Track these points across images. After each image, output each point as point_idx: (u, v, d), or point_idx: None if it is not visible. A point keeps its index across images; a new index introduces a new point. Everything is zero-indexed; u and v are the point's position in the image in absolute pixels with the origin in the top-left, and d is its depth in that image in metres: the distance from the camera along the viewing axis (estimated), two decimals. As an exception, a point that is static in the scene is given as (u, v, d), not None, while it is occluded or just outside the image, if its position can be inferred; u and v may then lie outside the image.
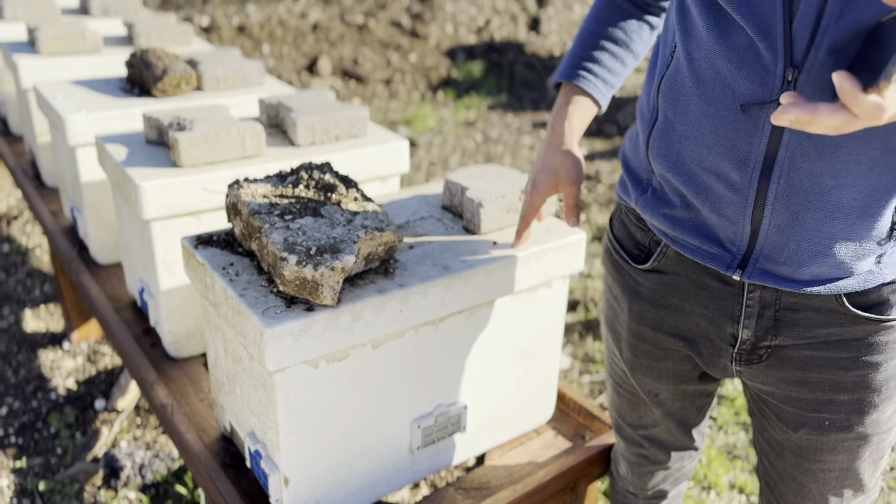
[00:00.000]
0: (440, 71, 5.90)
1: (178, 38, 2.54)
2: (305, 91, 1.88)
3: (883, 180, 0.79)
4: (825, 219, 0.82)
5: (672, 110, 0.93)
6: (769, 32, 0.78)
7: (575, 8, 7.11)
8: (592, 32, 1.14)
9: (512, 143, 4.71)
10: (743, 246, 0.89)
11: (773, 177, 0.82)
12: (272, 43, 5.44)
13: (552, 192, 1.18)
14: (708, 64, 0.86)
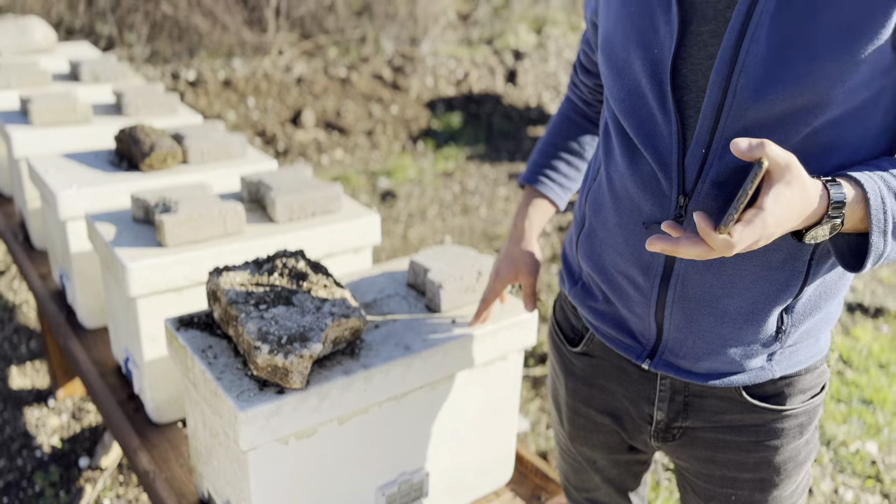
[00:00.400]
0: (420, 122, 6.09)
1: (164, 108, 2.68)
2: (284, 169, 2.01)
3: (765, 291, 0.93)
4: (715, 322, 0.95)
5: (595, 219, 1.08)
6: (666, 165, 0.93)
7: (550, 61, 7.36)
8: (551, 143, 1.31)
9: (488, 195, 4.86)
10: (651, 339, 1.02)
11: (671, 284, 0.96)
12: (257, 96, 5.61)
13: (512, 280, 1.33)
14: (621, 184, 1.01)
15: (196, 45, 6.38)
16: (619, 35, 0.99)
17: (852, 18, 0.81)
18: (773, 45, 0.84)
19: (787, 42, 0.83)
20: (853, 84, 0.83)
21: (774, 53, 0.84)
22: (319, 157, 5.41)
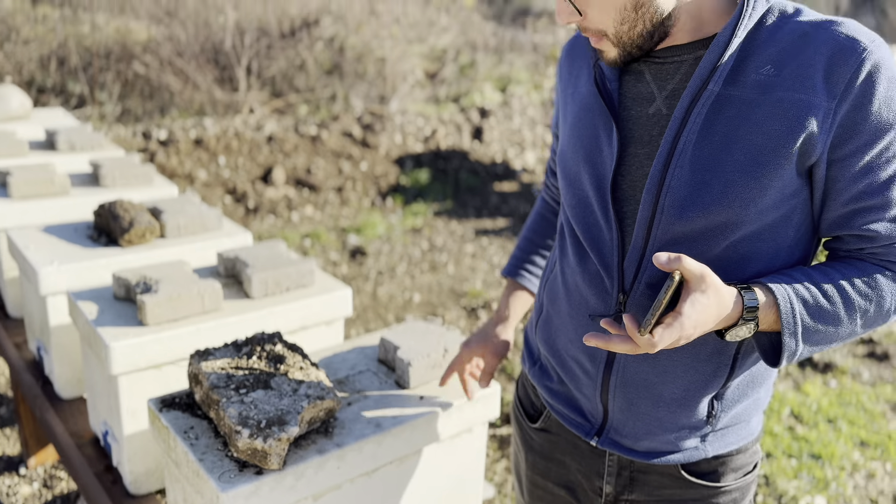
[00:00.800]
0: (389, 178, 6.24)
1: (140, 179, 2.77)
2: (259, 245, 2.11)
3: (695, 380, 1.05)
4: (652, 406, 1.07)
5: (551, 307, 1.21)
6: (609, 266, 1.06)
7: (514, 118, 7.61)
8: (529, 240, 1.47)
9: (456, 252, 4.99)
10: (599, 419, 1.13)
11: (614, 371, 1.08)
12: (228, 154, 5.71)
13: (479, 355, 1.45)
14: (573, 280, 1.14)
15: (167, 103, 6.48)
16: (571, 151, 1.14)
17: (759, 152, 0.95)
18: (695, 171, 0.98)
19: (705, 169, 0.98)
20: (763, 206, 0.98)
21: (695, 178, 0.98)
22: (290, 214, 5.50)
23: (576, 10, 1.02)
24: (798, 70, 0.95)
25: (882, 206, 0.99)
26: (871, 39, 0.95)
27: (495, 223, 5.58)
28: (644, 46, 1.02)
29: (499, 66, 9.03)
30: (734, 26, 0.96)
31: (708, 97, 0.97)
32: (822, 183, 0.99)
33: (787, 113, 0.94)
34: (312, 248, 4.97)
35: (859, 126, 0.95)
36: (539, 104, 8.21)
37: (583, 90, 1.14)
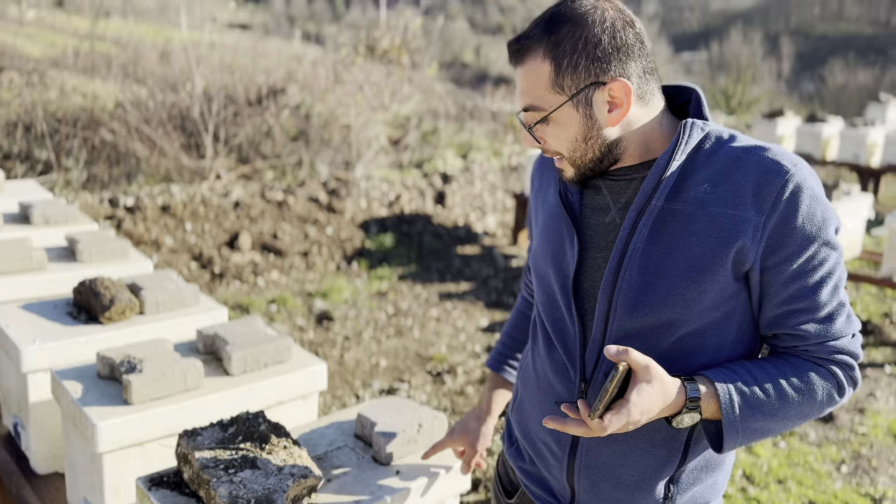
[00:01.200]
0: (355, 242, 6.36)
1: (116, 254, 2.85)
2: (237, 321, 2.20)
3: (651, 464, 1.18)
4: (613, 488, 1.20)
5: (524, 393, 1.34)
6: (572, 358, 1.21)
7: (475, 184, 7.85)
8: (510, 335, 1.62)
9: (420, 316, 5.11)
10: (567, 499, 1.25)
11: (578, 454, 1.21)
12: (195, 220, 5.79)
13: (460, 445, 1.58)
14: (542, 368, 1.28)
15: (134, 170, 6.56)
16: (541, 253, 1.30)
17: (697, 259, 1.11)
18: (642, 275, 1.14)
19: (651, 273, 1.13)
20: (703, 306, 1.12)
21: (643, 281, 1.14)
22: (255, 280, 5.57)
23: (533, 140, 1.20)
24: (731, 189, 1.10)
25: (811, 309, 1.12)
26: (794, 163, 1.11)
27: (458, 287, 5.72)
28: (596, 169, 1.19)
29: (460, 134, 9.34)
30: (672, 151, 1.13)
31: (652, 211, 1.13)
32: (758, 287, 1.13)
33: (720, 226, 1.09)
34: (279, 313, 5.03)
35: (786, 238, 1.09)
36: (499, 170, 8.49)
37: (551, 200, 1.30)
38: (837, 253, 1.14)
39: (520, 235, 6.73)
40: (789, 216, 1.09)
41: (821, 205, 1.11)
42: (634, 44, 1.13)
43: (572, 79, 1.12)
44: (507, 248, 6.69)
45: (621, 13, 1.14)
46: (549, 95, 1.14)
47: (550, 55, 1.12)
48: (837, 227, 1.15)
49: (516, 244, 6.74)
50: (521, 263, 6.26)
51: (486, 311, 5.24)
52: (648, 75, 1.16)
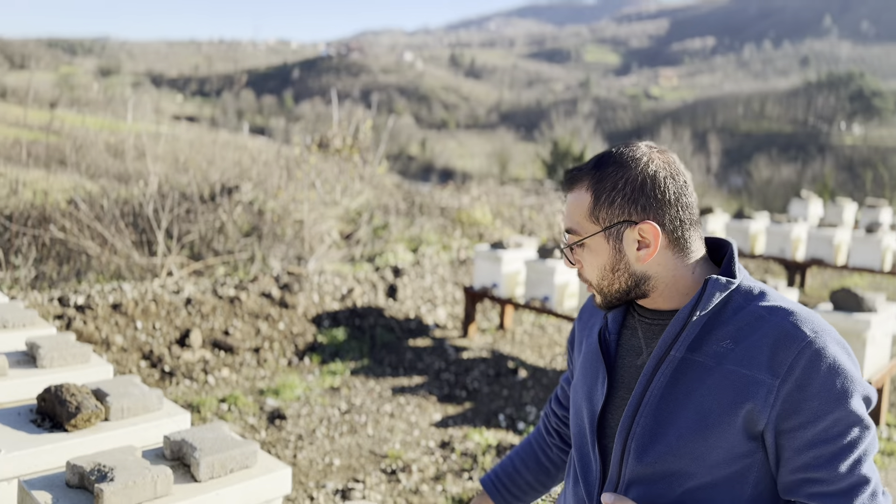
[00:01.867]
0: (307, 337, 6.41)
1: (77, 358, 2.88)
2: (203, 427, 2.27)
3: None
4: None
5: None
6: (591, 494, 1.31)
7: (426, 277, 8.05)
8: (512, 459, 1.68)
9: (374, 412, 5.14)
10: None
11: None
12: (145, 319, 5.77)
13: None
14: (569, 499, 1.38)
15: (85, 267, 6.53)
16: (579, 387, 1.39)
17: (708, 413, 1.16)
18: (656, 422, 1.20)
19: (664, 421, 1.20)
20: (714, 461, 1.16)
21: (656, 428, 1.20)
22: (206, 378, 5.54)
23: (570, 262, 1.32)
24: (749, 348, 1.15)
25: (827, 480, 1.11)
26: (815, 330, 1.13)
27: (411, 380, 5.79)
28: (623, 300, 1.28)
29: (410, 228, 9.60)
30: (693, 305, 1.20)
31: (672, 360, 1.19)
32: (774, 449, 1.15)
33: (734, 384, 1.14)
34: (230, 412, 5.00)
35: (801, 405, 1.10)
36: (448, 263, 8.72)
37: (593, 337, 1.38)
38: (862, 426, 1.12)
39: (470, 328, 6.89)
40: (804, 383, 1.10)
41: (841, 375, 1.11)
42: (674, 195, 1.22)
43: (607, 212, 1.23)
44: (457, 340, 6.82)
45: (668, 166, 1.24)
46: (586, 223, 1.25)
47: (593, 188, 1.24)
48: (868, 400, 1.14)
49: (466, 336, 6.88)
50: (472, 356, 6.39)
51: (439, 406, 5.31)
52: (687, 225, 1.24)
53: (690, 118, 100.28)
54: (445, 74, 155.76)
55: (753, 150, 79.65)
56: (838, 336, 1.17)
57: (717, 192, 39.07)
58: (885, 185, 26.00)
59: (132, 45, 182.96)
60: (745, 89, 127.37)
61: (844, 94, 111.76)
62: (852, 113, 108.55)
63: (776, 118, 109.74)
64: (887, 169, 28.67)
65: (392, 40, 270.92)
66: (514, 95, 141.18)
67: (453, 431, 4.86)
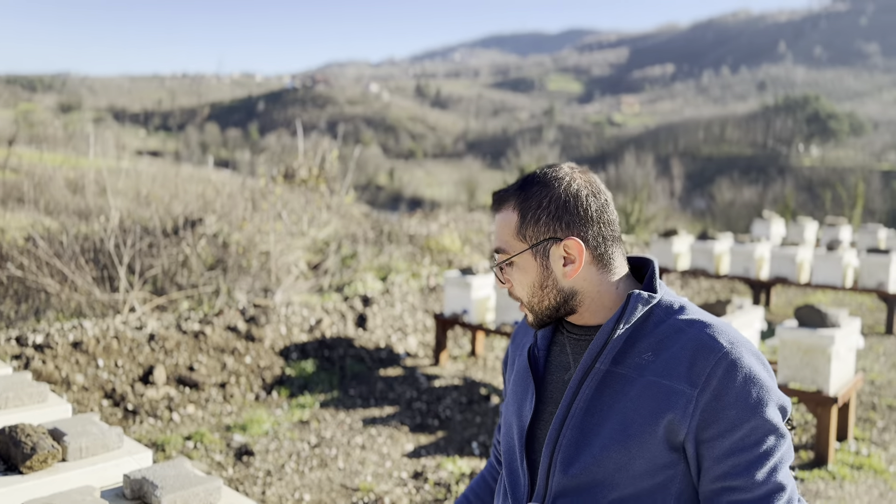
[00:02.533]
0: (274, 370, 6.30)
1: (34, 398, 2.78)
2: (164, 464, 2.20)
3: None
4: None
5: None
6: None
7: (396, 305, 7.99)
8: (466, 496, 1.66)
9: (345, 444, 5.05)
10: None
11: None
12: (107, 356, 5.63)
13: None
14: None
15: (44, 305, 6.36)
16: (509, 404, 1.41)
17: (629, 423, 1.19)
18: (582, 433, 1.23)
19: (589, 432, 1.22)
20: (636, 472, 1.18)
21: (581, 439, 1.23)
22: (170, 415, 5.40)
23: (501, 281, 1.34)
24: (669, 360, 1.19)
25: (745, 488, 1.14)
26: (731, 341, 1.18)
27: (382, 411, 5.71)
28: (553, 317, 1.31)
29: (379, 257, 9.56)
30: (616, 319, 1.24)
31: (596, 373, 1.23)
32: (695, 460, 1.18)
33: (655, 395, 1.17)
34: (196, 450, 4.87)
35: (719, 414, 1.14)
36: (418, 291, 8.68)
37: (522, 357, 1.41)
38: (778, 434, 1.16)
39: (441, 355, 6.84)
40: (721, 393, 1.14)
41: (757, 385, 1.16)
42: (596, 212, 1.28)
43: (534, 230, 1.28)
44: (429, 368, 6.77)
45: (590, 185, 1.29)
46: (514, 242, 1.29)
47: (519, 207, 1.29)
48: (783, 409, 1.19)
49: (438, 364, 6.83)
50: (444, 383, 6.33)
51: (411, 436, 5.24)
52: (610, 242, 1.29)
53: (653, 143, 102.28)
54: (412, 105, 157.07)
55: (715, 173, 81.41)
56: (754, 348, 1.21)
57: (682, 214, 39.76)
58: (843, 205, 26.72)
59: (93, 80, 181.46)
60: (706, 114, 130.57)
61: (801, 117, 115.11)
62: (809, 135, 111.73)
63: (736, 141, 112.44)
64: (845, 189, 29.48)
65: (358, 72, 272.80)
66: (480, 124, 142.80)
67: (426, 461, 4.79)
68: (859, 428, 5.56)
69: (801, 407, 5.86)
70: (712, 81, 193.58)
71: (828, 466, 4.78)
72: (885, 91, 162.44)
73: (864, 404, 6.10)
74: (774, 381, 1.20)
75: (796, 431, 5.39)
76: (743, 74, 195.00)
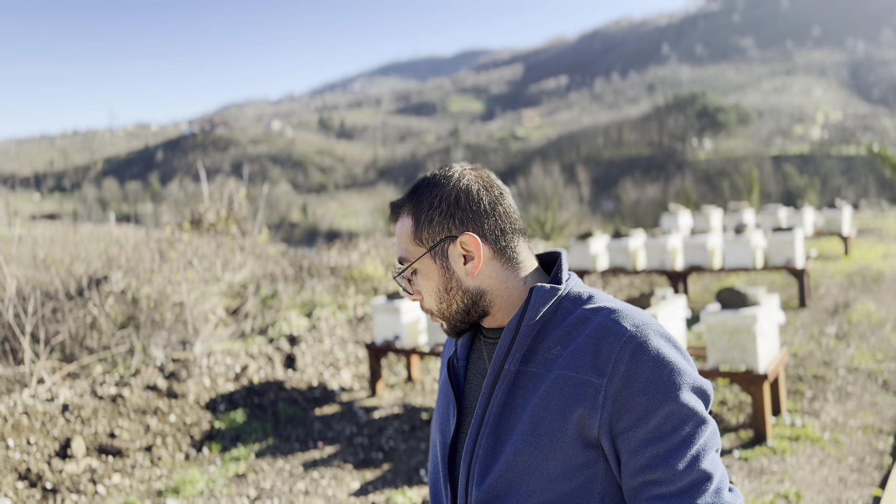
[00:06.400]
0: (202, 425, 5.97)
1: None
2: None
3: None
4: None
5: None
6: None
7: (325, 340, 7.77)
8: None
9: (287, 492, 4.81)
10: None
11: None
12: (17, 434, 5.19)
13: None
14: None
15: (-62, 389, 5.82)
16: (434, 423, 1.34)
17: (540, 422, 1.11)
18: (497, 440, 1.15)
19: (502, 439, 1.15)
20: (551, 475, 1.10)
21: (496, 447, 1.15)
22: (95, 488, 5.02)
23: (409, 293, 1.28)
24: (575, 351, 1.12)
25: (666, 480, 1.06)
26: (636, 324, 1.11)
27: (323, 452, 5.49)
28: (466, 321, 1.25)
29: (301, 293, 9.29)
30: (519, 316, 1.17)
31: (507, 375, 1.16)
32: (613, 455, 1.10)
33: (563, 388, 1.10)
34: (127, 521, 4.53)
35: (630, 402, 1.07)
36: (346, 322, 8.48)
37: (444, 370, 1.35)
38: (697, 419, 1.09)
39: (377, 385, 6.67)
40: (630, 379, 1.07)
41: (667, 367, 1.08)
42: (489, 204, 1.23)
43: (428, 232, 1.22)
44: (366, 400, 6.58)
45: (481, 179, 1.25)
46: (413, 248, 1.24)
47: (412, 212, 1.24)
48: (700, 390, 1.11)
49: (375, 395, 6.65)
50: (384, 413, 6.16)
51: (356, 473, 5.05)
52: (510, 235, 1.23)
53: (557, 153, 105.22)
54: (317, 138, 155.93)
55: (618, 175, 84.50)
56: (662, 329, 1.14)
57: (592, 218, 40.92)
58: (741, 191, 28.11)
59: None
60: (602, 120, 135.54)
61: (691, 113, 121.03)
62: (701, 129, 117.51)
63: (634, 143, 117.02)
64: (741, 176, 31.02)
65: (258, 111, 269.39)
66: (388, 151, 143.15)
67: (374, 497, 4.61)
68: (791, 400, 5.74)
69: (735, 388, 6.00)
70: (605, 88, 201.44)
71: (767, 442, 4.89)
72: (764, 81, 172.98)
73: (791, 377, 6.31)
74: (690, 363, 1.12)
75: (733, 412, 5.51)
76: (632, 79, 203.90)
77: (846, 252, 12.71)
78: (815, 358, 6.85)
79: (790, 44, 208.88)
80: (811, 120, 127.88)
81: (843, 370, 6.40)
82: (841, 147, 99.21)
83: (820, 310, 8.85)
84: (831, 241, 14.41)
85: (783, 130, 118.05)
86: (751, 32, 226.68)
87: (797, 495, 4.11)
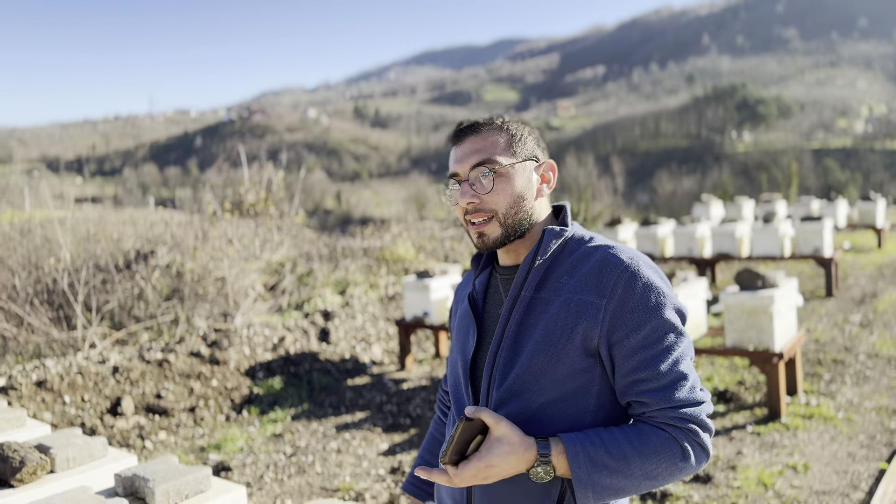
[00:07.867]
0: (242, 390, 6.33)
1: (13, 423, 2.83)
2: (153, 461, 2.29)
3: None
4: None
5: (435, 461, 1.58)
6: None
7: (357, 317, 8.08)
8: (423, 458, 1.80)
9: (320, 450, 5.13)
10: None
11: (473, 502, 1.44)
12: (73, 392, 5.60)
13: None
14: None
15: (2, 350, 6.28)
16: (454, 345, 1.59)
17: (551, 334, 1.38)
18: (514, 350, 1.41)
19: (519, 344, 1.41)
20: (560, 375, 1.37)
21: (513, 355, 1.42)
22: (143, 443, 5.40)
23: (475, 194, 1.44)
24: (580, 279, 1.38)
25: (652, 378, 1.32)
26: (631, 257, 1.38)
27: (354, 417, 5.81)
28: (511, 234, 1.45)
29: (335, 272, 9.64)
30: (534, 253, 1.44)
31: (523, 300, 1.42)
32: (609, 361, 1.37)
33: (571, 308, 1.37)
34: (173, 472, 4.89)
35: (624, 318, 1.34)
36: (377, 301, 8.79)
37: (464, 303, 1.59)
38: (676, 332, 1.34)
39: (406, 360, 6.96)
40: (625, 299, 1.33)
41: (655, 291, 1.34)
42: None
43: (522, 148, 1.48)
44: (395, 373, 6.88)
45: None
46: (504, 155, 1.46)
47: (507, 130, 1.49)
48: (679, 311, 1.37)
49: (404, 369, 6.94)
50: (412, 385, 6.46)
51: (385, 436, 5.35)
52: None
53: (592, 144, 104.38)
54: (351, 127, 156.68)
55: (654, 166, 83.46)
56: (651, 262, 1.42)
57: (626, 210, 40.56)
58: (779, 185, 27.72)
59: (23, 131, 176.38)
60: (639, 111, 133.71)
61: (731, 105, 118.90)
62: (740, 122, 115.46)
63: (671, 134, 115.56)
64: (780, 169, 30.59)
65: (294, 99, 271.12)
66: (422, 140, 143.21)
67: (402, 457, 4.90)
68: (808, 382, 5.88)
69: (754, 370, 6.16)
70: (642, 78, 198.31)
71: (781, 419, 5.06)
72: (807, 73, 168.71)
73: (811, 361, 6.44)
74: (671, 289, 1.40)
75: (750, 391, 5.68)
76: (671, 69, 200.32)
77: (879, 245, 12.65)
78: (836, 343, 6.96)
79: (835, 35, 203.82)
80: (855, 113, 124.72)
81: (863, 356, 6.51)
82: (885, 141, 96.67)
83: (846, 299, 8.90)
84: (865, 234, 14.31)
85: (825, 124, 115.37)
86: (794, 23, 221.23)
87: (805, 466, 4.29)
